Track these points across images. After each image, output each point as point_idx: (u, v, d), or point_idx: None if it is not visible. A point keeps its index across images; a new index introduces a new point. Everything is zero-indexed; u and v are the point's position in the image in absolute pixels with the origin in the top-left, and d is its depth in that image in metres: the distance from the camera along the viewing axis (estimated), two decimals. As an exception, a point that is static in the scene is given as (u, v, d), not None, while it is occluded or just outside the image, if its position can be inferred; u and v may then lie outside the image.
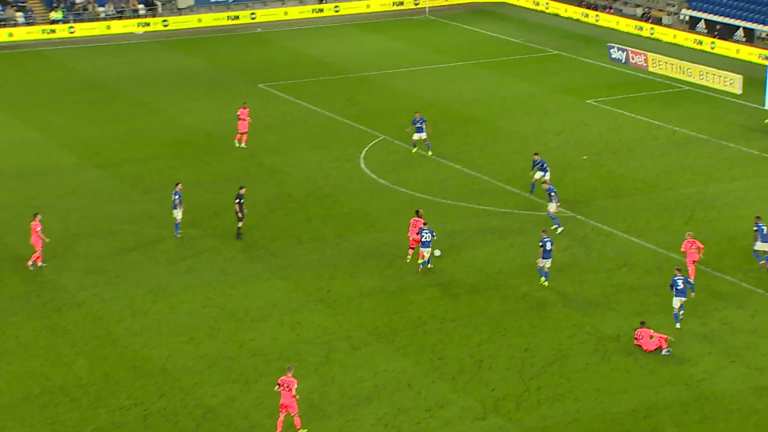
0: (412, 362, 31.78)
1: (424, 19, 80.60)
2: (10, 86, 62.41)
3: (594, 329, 33.62)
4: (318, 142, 51.84)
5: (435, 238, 37.41)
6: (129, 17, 77.79)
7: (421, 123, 49.34)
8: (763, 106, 54.46)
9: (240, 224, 40.39)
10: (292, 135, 53.14)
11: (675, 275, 33.83)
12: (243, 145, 50.93)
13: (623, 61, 66.41)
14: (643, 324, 32.35)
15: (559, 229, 40.72)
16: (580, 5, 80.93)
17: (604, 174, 47.56)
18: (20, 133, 53.40)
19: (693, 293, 33.96)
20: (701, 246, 36.32)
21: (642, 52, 65.74)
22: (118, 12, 77.82)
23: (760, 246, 37.43)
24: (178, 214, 40.57)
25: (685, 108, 57.45)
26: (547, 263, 36.51)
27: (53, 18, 75.75)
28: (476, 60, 68.02)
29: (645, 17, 76.92)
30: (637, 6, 79.11)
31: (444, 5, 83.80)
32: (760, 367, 31.28)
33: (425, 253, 37.37)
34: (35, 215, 38.20)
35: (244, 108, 51.07)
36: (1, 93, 60.75)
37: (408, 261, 38.30)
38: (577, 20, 78.72)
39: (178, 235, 40.64)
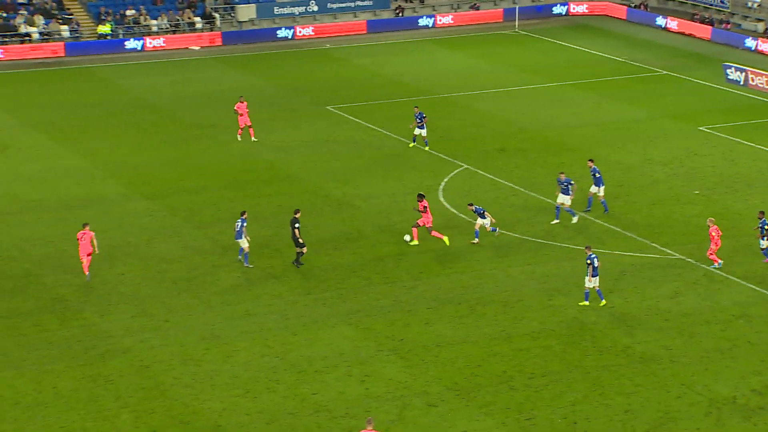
0: (496, 423, 31.71)
1: (514, 34, 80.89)
2: (53, 108, 63.89)
3: (706, 389, 33.24)
4: (392, 172, 52.15)
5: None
6: (184, 31, 79.25)
7: (420, 118, 53.80)
8: None
9: (303, 250, 41.16)
10: (363, 163, 53.52)
11: None
12: (253, 138, 56.52)
13: (741, 82, 65.88)
14: None
15: (574, 219, 45.45)
16: (692, 19, 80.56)
17: (718, 211, 47.13)
18: (62, 160, 54.58)
19: None
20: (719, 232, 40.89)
21: (764, 72, 65.16)
22: (172, 25, 79.32)
23: (765, 244, 41.17)
24: (244, 243, 41.60)
25: (814, 136, 56.80)
26: (595, 282, 37.91)
27: (101, 32, 77.48)
28: (573, 80, 67.99)
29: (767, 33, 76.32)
30: (759, 20, 78.44)
31: (535, 20, 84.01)
32: None
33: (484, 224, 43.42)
34: (85, 225, 40.89)
35: (242, 102, 56.77)
36: (43, 115, 62.22)
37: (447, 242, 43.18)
38: (690, 36, 78.32)
39: (250, 266, 41.63)
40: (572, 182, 45.59)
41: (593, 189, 46.48)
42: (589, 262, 38.08)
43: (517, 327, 37.24)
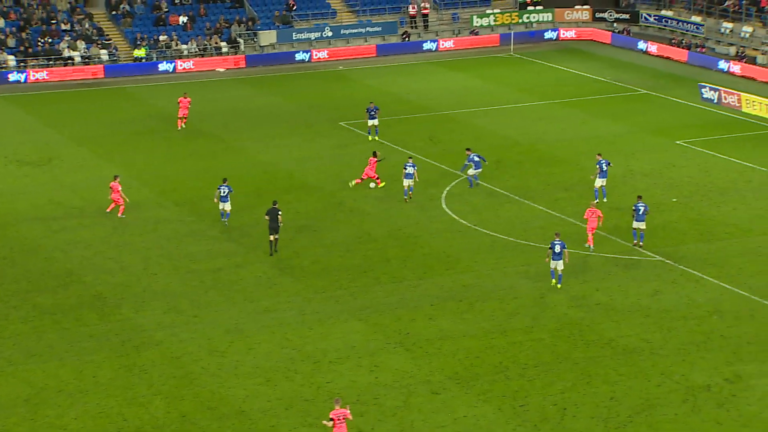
0: (493, 409, 31.57)
1: (509, 57, 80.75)
2: (93, 124, 63.88)
3: (683, 378, 33.07)
4: (399, 182, 52.01)
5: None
6: (212, 55, 79.24)
7: (374, 111, 58.06)
8: None
9: (275, 237, 42.82)
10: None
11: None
12: (181, 126, 61.22)
13: (715, 101, 65.62)
14: None
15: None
16: (671, 44, 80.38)
17: (694, 217, 46.95)
18: (101, 171, 54.50)
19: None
20: (602, 216, 42.64)
21: (735, 92, 64.92)
22: (201, 50, 79.34)
23: (636, 224, 42.97)
24: (226, 206, 45.62)
25: (781, 149, 56.52)
26: (559, 265, 38.84)
27: (137, 56, 77.50)
28: (561, 99, 67.84)
29: (739, 56, 76.04)
30: (731, 45, 78.28)
31: (528, 45, 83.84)
32: None
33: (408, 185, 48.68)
34: (115, 177, 47.15)
35: (186, 98, 61.48)
36: (84, 130, 62.21)
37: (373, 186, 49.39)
38: (668, 59, 78.11)
39: (227, 224, 45.24)
40: (609, 163, 48.76)
41: (471, 171, 49.93)
42: (550, 247, 39.02)
43: (512, 322, 37.11)
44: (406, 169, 48.84)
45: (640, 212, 42.88)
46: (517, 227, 45.91)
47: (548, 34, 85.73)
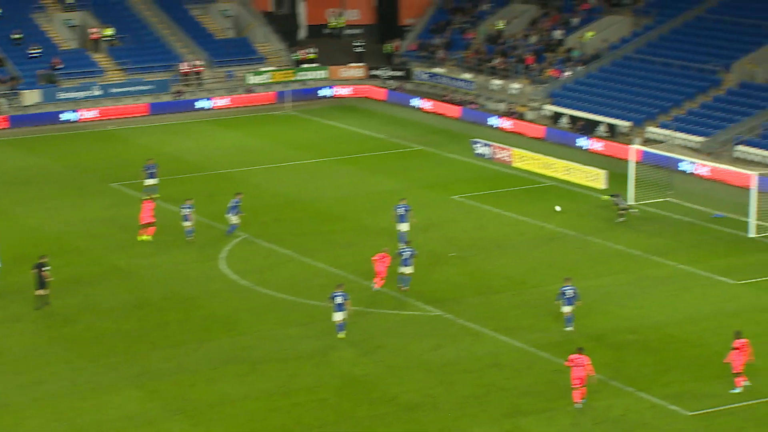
0: (277, 473, 31.22)
1: (283, 114, 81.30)
2: None
3: None
4: (175, 243, 51.25)
5: None
6: (-28, 114, 76.22)
7: (153, 169, 58.58)
8: (626, 201, 56.14)
9: (45, 292, 42.07)
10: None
11: (564, 285, 40.98)
12: None
13: (488, 156, 67.95)
14: (580, 350, 34.98)
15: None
16: (443, 100, 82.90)
17: (471, 271, 48.22)
18: None
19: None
20: (389, 262, 44.40)
21: (506, 147, 67.41)
22: (-41, 108, 76.20)
23: (401, 269, 44.75)
24: None
25: (551, 203, 58.86)
26: (340, 316, 39.96)
27: None
28: (339, 156, 68.71)
29: (509, 113, 79.18)
30: (501, 101, 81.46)
31: (303, 102, 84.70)
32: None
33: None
34: None
35: None
36: None
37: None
38: (442, 115, 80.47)
39: None
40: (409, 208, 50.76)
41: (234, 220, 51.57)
42: (331, 298, 40.02)
43: (295, 382, 36.95)
44: (182, 211, 50.81)
45: (404, 257, 44.73)
46: (298, 286, 45.92)
47: (324, 92, 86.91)
